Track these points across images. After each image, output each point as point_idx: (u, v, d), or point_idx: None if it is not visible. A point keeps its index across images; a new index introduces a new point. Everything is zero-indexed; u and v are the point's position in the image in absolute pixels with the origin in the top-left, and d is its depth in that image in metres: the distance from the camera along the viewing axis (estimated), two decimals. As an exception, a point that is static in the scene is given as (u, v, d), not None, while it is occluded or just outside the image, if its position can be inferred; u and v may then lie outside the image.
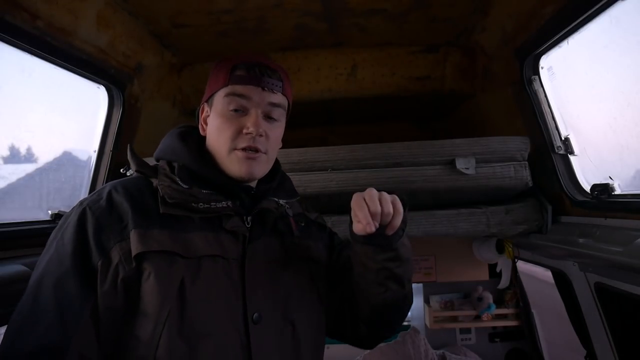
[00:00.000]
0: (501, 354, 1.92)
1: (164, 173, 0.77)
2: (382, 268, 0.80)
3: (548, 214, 1.26)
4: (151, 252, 0.69)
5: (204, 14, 1.22)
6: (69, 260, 0.67)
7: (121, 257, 0.68)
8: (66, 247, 0.68)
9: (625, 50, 1.01)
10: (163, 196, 0.73)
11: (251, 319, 0.73)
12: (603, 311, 1.11)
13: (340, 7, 1.22)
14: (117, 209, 0.71)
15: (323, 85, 1.57)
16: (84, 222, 0.69)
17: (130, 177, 0.81)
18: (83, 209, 0.70)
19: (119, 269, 0.67)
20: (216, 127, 0.81)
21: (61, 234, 0.70)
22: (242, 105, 0.80)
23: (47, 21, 0.97)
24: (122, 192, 0.73)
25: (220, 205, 0.76)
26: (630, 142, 1.03)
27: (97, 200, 0.72)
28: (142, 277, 0.68)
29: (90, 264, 0.67)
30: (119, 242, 0.69)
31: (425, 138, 1.41)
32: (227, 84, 0.80)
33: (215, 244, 0.74)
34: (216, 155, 0.81)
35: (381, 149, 1.23)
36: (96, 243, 0.68)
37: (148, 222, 0.71)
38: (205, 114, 0.85)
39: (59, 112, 1.29)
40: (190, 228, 0.73)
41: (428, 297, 1.97)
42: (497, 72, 1.43)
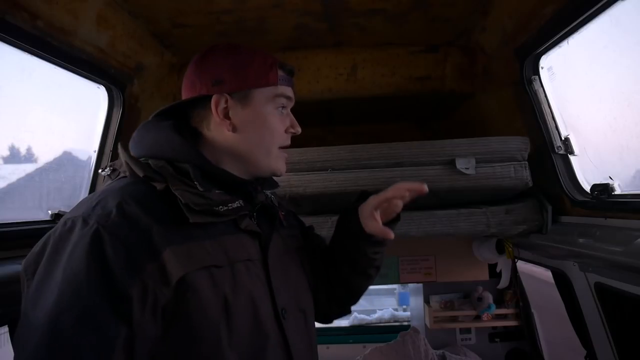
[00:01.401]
0: (501, 354, 1.92)
1: (174, 176, 0.68)
2: (371, 260, 0.91)
3: (548, 214, 1.26)
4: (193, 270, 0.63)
5: (204, 14, 1.22)
6: (92, 290, 0.55)
7: (157, 280, 0.59)
8: (81, 275, 0.55)
9: (625, 50, 1.01)
10: (187, 203, 0.65)
11: (281, 316, 0.74)
12: (603, 311, 1.11)
13: (340, 7, 1.22)
14: (136, 224, 0.61)
15: (323, 85, 1.57)
16: (101, 244, 0.57)
17: (126, 184, 0.68)
18: (95, 229, 0.58)
19: (157, 295, 0.59)
20: (264, 125, 0.77)
21: (66, 263, 0.57)
22: (287, 105, 0.81)
23: (47, 21, 0.97)
24: (134, 203, 0.62)
25: (236, 206, 0.72)
26: (630, 142, 1.03)
27: (107, 216, 0.60)
28: (185, 300, 0.61)
29: (119, 292, 0.56)
30: (150, 264, 0.59)
31: (425, 138, 1.41)
32: (277, 82, 0.78)
33: (240, 247, 0.72)
34: (254, 153, 0.77)
35: (381, 149, 1.23)
36: (123, 267, 0.57)
37: (178, 236, 0.63)
38: (223, 105, 0.75)
39: (59, 112, 1.29)
40: (215, 234, 0.69)
41: (428, 297, 1.96)
42: (497, 72, 1.43)
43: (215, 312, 0.63)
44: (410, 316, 2.44)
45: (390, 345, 1.73)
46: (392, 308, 2.67)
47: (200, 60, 0.78)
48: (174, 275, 0.60)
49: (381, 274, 1.89)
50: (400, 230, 1.29)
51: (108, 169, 0.75)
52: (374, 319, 2.51)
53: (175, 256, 0.61)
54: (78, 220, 0.60)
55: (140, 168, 0.68)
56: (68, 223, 0.60)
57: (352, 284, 0.96)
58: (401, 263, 1.92)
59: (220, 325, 0.64)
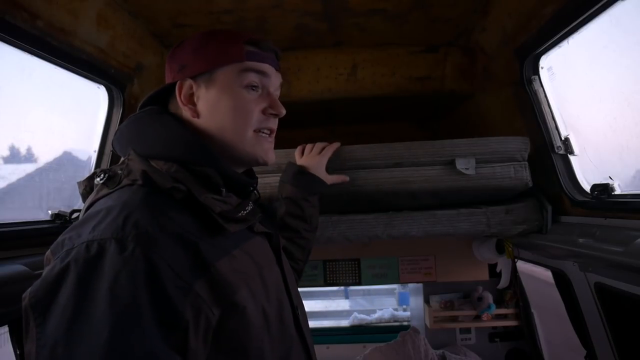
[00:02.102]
0: (501, 354, 1.92)
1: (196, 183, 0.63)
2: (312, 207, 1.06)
3: (548, 214, 1.26)
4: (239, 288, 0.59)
5: (204, 14, 1.22)
6: (150, 324, 0.48)
7: (208, 301, 0.54)
8: (134, 308, 0.48)
9: (625, 50, 1.01)
10: (221, 213, 0.61)
11: (298, 314, 0.74)
12: (603, 311, 1.11)
13: (340, 7, 1.22)
14: (179, 241, 0.55)
15: (323, 85, 1.57)
16: (150, 269, 0.50)
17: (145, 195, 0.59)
18: (141, 253, 0.50)
19: (208, 317, 0.54)
20: (229, 107, 0.70)
21: (110, 296, 0.47)
22: (261, 84, 0.72)
23: (47, 21, 0.97)
24: (169, 218, 0.56)
25: (250, 209, 0.68)
26: (630, 142, 1.03)
27: (146, 236, 0.52)
28: (232, 318, 0.57)
29: (177, 321, 0.50)
30: (198, 282, 0.54)
31: (425, 138, 1.41)
32: (242, 59, 0.70)
33: (260, 251, 0.70)
34: (225, 139, 0.70)
35: (381, 149, 1.23)
36: (176, 292, 0.51)
37: (217, 249, 0.59)
38: (188, 91, 0.70)
39: (59, 112, 1.29)
40: (238, 242, 0.64)
41: (428, 297, 1.96)
42: (497, 72, 1.43)
43: (259, 326, 0.61)
44: (410, 316, 2.43)
45: (390, 345, 1.73)
46: (392, 308, 2.67)
47: (173, 50, 0.75)
48: (224, 295, 0.56)
49: (381, 274, 1.92)
50: (400, 230, 1.29)
51: (103, 175, 0.64)
52: (374, 319, 2.51)
53: (222, 273, 0.57)
54: (109, 243, 0.50)
55: (164, 179, 0.61)
56: (93, 247, 0.50)
57: (310, 241, 1.08)
58: (401, 263, 1.92)
59: (264, 336, 0.61)
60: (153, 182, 0.60)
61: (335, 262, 1.94)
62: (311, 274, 1.95)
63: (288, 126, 0.89)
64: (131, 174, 0.62)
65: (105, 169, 0.66)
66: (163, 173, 0.61)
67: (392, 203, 1.31)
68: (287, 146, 1.22)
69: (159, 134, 0.67)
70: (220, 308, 0.55)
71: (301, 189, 1.04)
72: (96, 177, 0.65)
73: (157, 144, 0.66)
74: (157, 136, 0.66)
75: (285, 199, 1.05)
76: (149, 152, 0.65)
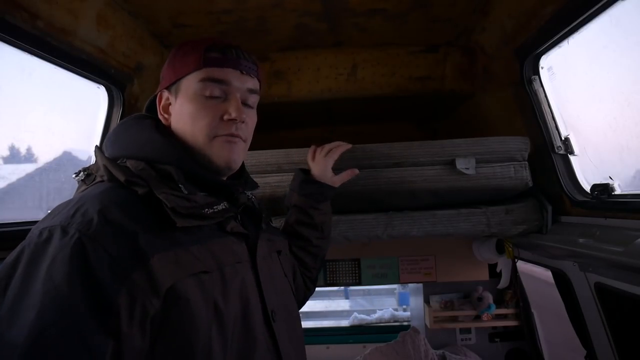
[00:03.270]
0: (501, 354, 1.92)
1: (157, 179, 0.65)
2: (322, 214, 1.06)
3: (548, 214, 1.26)
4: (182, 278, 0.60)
5: (204, 14, 1.22)
6: (76, 303, 0.51)
7: (145, 290, 0.55)
8: (64, 288, 0.51)
9: (625, 50, 1.01)
10: (173, 207, 0.62)
11: (271, 318, 0.72)
12: (603, 311, 1.11)
13: (340, 7, 1.22)
14: (120, 231, 0.57)
15: (323, 85, 1.57)
16: (84, 254, 0.53)
17: (105, 189, 0.63)
18: (77, 239, 0.54)
19: (145, 305, 0.55)
20: (189, 115, 0.72)
21: (46, 276, 0.52)
22: (221, 90, 0.74)
23: (47, 21, 0.97)
24: (116, 209, 0.59)
25: (221, 208, 0.70)
26: (630, 142, 1.03)
27: (88, 224, 0.56)
28: (175, 309, 0.58)
29: (105, 304, 0.52)
30: (137, 272, 0.56)
31: (425, 138, 1.41)
32: (200, 66, 0.72)
33: (228, 250, 0.70)
34: (192, 145, 0.73)
35: (381, 149, 1.23)
36: (109, 277, 0.53)
37: (164, 242, 0.60)
38: (165, 102, 0.76)
39: (59, 112, 1.29)
40: (201, 239, 0.66)
41: (428, 297, 1.96)
42: (497, 72, 1.43)
43: (206, 320, 0.61)
44: (410, 316, 2.44)
45: (390, 345, 1.73)
46: (392, 308, 2.68)
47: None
48: (162, 284, 0.57)
49: (381, 274, 1.92)
50: (400, 230, 1.29)
51: (82, 173, 0.71)
52: (374, 319, 2.52)
53: (162, 264, 0.58)
54: (56, 229, 0.55)
55: (120, 172, 0.65)
56: (44, 233, 0.55)
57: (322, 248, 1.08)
58: (401, 263, 1.92)
59: (212, 332, 0.61)
60: (114, 178, 0.65)
61: (335, 262, 1.95)
62: (311, 274, 1.95)
63: (288, 126, 0.89)
64: (99, 170, 0.69)
65: (85, 167, 0.72)
66: (122, 167, 0.66)
67: (392, 203, 1.31)
68: (287, 146, 1.22)
69: (134, 137, 0.72)
70: (161, 299, 0.57)
71: (308, 198, 1.04)
72: (76, 175, 0.72)
73: (132, 145, 0.71)
74: (133, 138, 0.72)
75: (294, 207, 1.06)
76: (124, 153, 0.70)
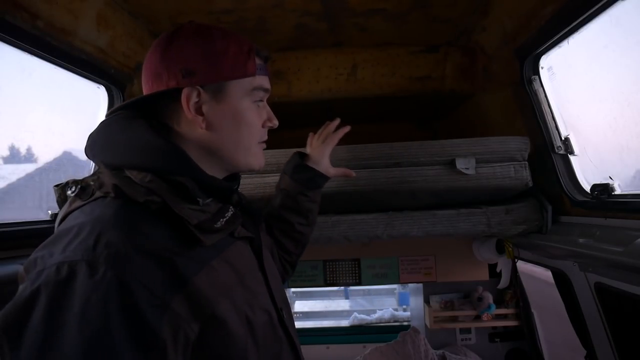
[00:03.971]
0: (501, 354, 1.92)
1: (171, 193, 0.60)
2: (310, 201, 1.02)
3: (548, 214, 1.26)
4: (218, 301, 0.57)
5: (204, 14, 1.22)
6: (124, 348, 0.46)
7: (186, 317, 0.52)
8: (105, 333, 0.46)
9: (625, 50, 1.01)
10: (198, 224, 0.58)
11: (282, 315, 0.73)
12: (603, 311, 1.11)
13: (340, 7, 1.22)
14: (152, 259, 0.52)
15: (323, 85, 1.57)
16: (121, 292, 0.48)
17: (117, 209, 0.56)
18: (112, 276, 0.48)
19: (187, 333, 0.52)
20: (242, 122, 0.69)
21: (81, 321, 0.46)
22: (262, 99, 0.74)
23: (47, 21, 0.97)
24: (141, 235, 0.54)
25: (230, 215, 0.66)
26: (630, 142, 1.03)
27: (117, 257, 0.50)
28: (213, 331, 0.56)
29: (153, 342, 0.49)
30: (175, 300, 0.52)
31: (425, 138, 1.41)
32: (254, 74, 0.69)
33: (241, 256, 0.69)
34: (231, 151, 0.70)
35: (381, 149, 1.23)
36: (151, 312, 0.49)
37: (194, 262, 0.57)
38: (195, 101, 0.65)
39: (59, 112, 1.29)
40: (217, 250, 0.63)
41: (428, 297, 1.96)
42: (497, 72, 1.43)
43: (242, 336, 0.60)
44: (410, 316, 2.44)
45: (390, 345, 1.73)
46: (392, 308, 2.67)
47: (167, 46, 0.66)
48: (202, 309, 0.54)
49: (381, 274, 1.92)
50: (400, 230, 1.29)
51: (74, 187, 0.60)
52: (374, 319, 2.51)
53: (199, 287, 0.55)
54: (79, 266, 0.48)
55: (139, 193, 0.57)
56: (63, 270, 0.48)
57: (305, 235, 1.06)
58: (401, 263, 1.92)
59: (248, 345, 0.60)
60: (126, 195, 0.57)
61: (335, 262, 1.94)
62: (311, 274, 1.95)
63: (288, 126, 0.89)
64: (103, 186, 0.59)
65: (77, 179, 0.62)
66: (136, 185, 0.58)
67: (392, 203, 1.31)
68: (287, 146, 1.22)
69: (131, 142, 0.62)
70: (199, 322, 0.54)
71: (299, 183, 1.01)
72: (68, 189, 0.61)
73: (130, 152, 0.62)
74: (130, 144, 0.62)
75: (282, 190, 1.03)
76: (122, 161, 0.61)
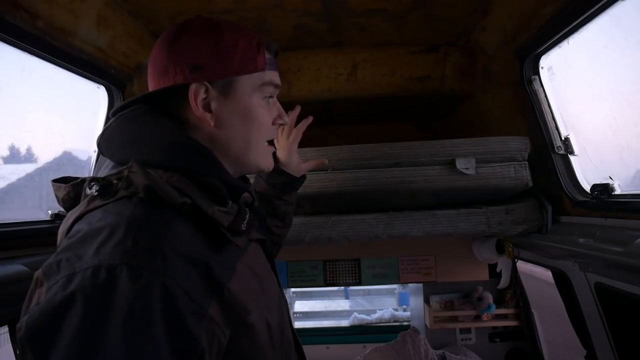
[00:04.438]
0: (501, 354, 1.92)
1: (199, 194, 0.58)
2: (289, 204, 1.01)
3: (548, 214, 1.26)
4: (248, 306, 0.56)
5: (204, 13, 1.19)
6: (168, 355, 0.45)
7: (220, 324, 0.52)
8: (152, 342, 0.44)
9: (625, 50, 1.01)
10: (230, 227, 0.57)
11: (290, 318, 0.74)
12: (603, 311, 1.11)
13: (340, 7, 1.22)
14: (191, 264, 0.51)
15: (323, 85, 1.57)
16: (166, 300, 0.46)
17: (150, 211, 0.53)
18: (158, 283, 0.46)
19: (220, 338, 0.52)
20: (251, 119, 0.66)
21: (125, 329, 0.43)
22: (272, 95, 0.70)
23: (47, 21, 0.97)
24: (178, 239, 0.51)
25: (248, 216, 0.64)
26: (630, 142, 1.03)
27: (160, 262, 0.47)
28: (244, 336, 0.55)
29: (195, 350, 0.48)
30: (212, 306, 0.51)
31: (425, 138, 1.41)
32: (264, 69, 0.66)
33: (257, 259, 0.67)
34: (235, 149, 0.67)
35: (381, 149, 1.23)
36: (192, 319, 0.48)
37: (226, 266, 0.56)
38: (203, 97, 0.62)
39: (59, 112, 1.29)
40: (238, 254, 0.61)
41: (428, 297, 1.96)
42: (497, 72, 1.43)
43: (265, 340, 0.59)
44: (410, 316, 2.44)
45: (390, 345, 1.73)
46: (392, 308, 2.67)
47: (174, 40, 0.64)
48: (236, 315, 0.54)
49: (381, 274, 1.92)
50: (400, 230, 1.29)
51: (96, 185, 0.55)
52: (374, 319, 2.51)
53: (233, 293, 0.54)
54: (120, 270, 0.45)
55: (174, 196, 0.54)
56: (101, 274, 0.45)
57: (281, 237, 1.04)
58: (401, 263, 1.92)
59: (268, 349, 0.60)
60: (157, 196, 0.53)
61: (335, 262, 1.94)
62: (311, 274, 1.95)
63: (288, 126, 0.89)
64: (131, 186, 0.54)
65: (98, 177, 0.57)
66: (170, 188, 0.55)
67: (392, 203, 1.31)
68: (287, 146, 1.22)
69: (157, 140, 0.60)
70: (231, 328, 0.53)
71: (274, 188, 0.98)
72: (88, 187, 0.56)
73: (156, 150, 0.59)
74: (155, 142, 0.59)
75: (258, 193, 0.99)
76: (146, 160, 0.57)
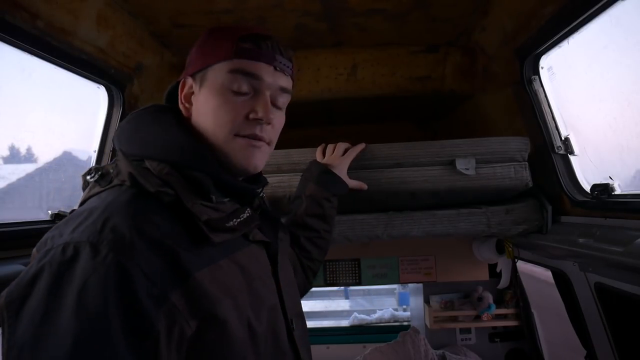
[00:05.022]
0: (501, 354, 1.92)
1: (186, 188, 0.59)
2: (332, 207, 1.06)
3: (548, 214, 1.26)
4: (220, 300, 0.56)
5: (204, 14, 1.22)
6: (117, 335, 0.46)
7: (184, 312, 0.52)
8: (100, 317, 0.46)
9: (625, 50, 1.01)
10: (207, 221, 0.58)
11: (292, 327, 0.70)
12: (603, 311, 1.11)
13: (340, 7, 1.22)
14: (156, 248, 0.52)
15: (323, 85, 1.57)
16: (120, 277, 0.48)
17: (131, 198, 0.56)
18: (112, 259, 0.48)
19: (183, 328, 0.52)
20: (213, 108, 0.66)
21: (77, 303, 0.46)
22: (250, 86, 0.67)
23: (47, 21, 0.97)
24: (149, 224, 0.53)
25: (246, 216, 0.65)
26: (630, 142, 1.03)
27: (122, 242, 0.50)
28: (211, 331, 0.55)
29: (147, 332, 0.48)
30: (175, 293, 0.51)
31: (425, 138, 1.41)
32: (230, 56, 0.66)
33: (253, 260, 0.66)
34: (212, 142, 0.66)
35: (381, 149, 1.23)
36: (148, 302, 0.49)
37: (200, 258, 0.56)
38: (188, 90, 0.68)
39: (59, 112, 1.29)
40: (228, 250, 0.62)
41: (428, 297, 1.96)
42: (497, 72, 1.43)
43: (242, 341, 0.58)
44: (410, 316, 2.44)
45: (390, 345, 1.73)
46: (392, 308, 2.68)
47: (191, 49, 0.73)
48: (202, 306, 0.54)
49: (381, 274, 1.92)
50: (400, 230, 1.29)
51: (95, 174, 0.62)
52: (374, 319, 2.52)
53: (201, 283, 0.54)
54: (83, 247, 0.49)
55: (150, 183, 0.58)
56: (68, 250, 0.49)
57: (328, 242, 1.08)
58: (401, 263, 1.92)
59: (247, 352, 0.58)
60: (139, 184, 0.58)
61: (335, 262, 1.94)
62: (311, 274, 1.95)
63: (288, 126, 0.88)
64: (120, 174, 0.60)
65: (99, 166, 0.63)
66: (151, 175, 0.58)
67: (392, 203, 1.31)
68: (286, 146, 1.22)
69: (155, 134, 0.64)
70: (198, 320, 0.53)
71: (325, 189, 1.04)
72: (89, 174, 0.63)
73: (152, 143, 0.63)
74: (153, 136, 0.64)
75: (308, 197, 1.04)
76: (144, 152, 0.62)
